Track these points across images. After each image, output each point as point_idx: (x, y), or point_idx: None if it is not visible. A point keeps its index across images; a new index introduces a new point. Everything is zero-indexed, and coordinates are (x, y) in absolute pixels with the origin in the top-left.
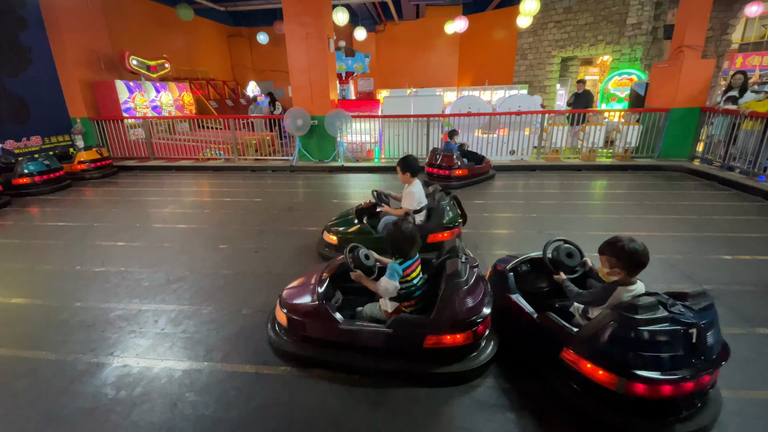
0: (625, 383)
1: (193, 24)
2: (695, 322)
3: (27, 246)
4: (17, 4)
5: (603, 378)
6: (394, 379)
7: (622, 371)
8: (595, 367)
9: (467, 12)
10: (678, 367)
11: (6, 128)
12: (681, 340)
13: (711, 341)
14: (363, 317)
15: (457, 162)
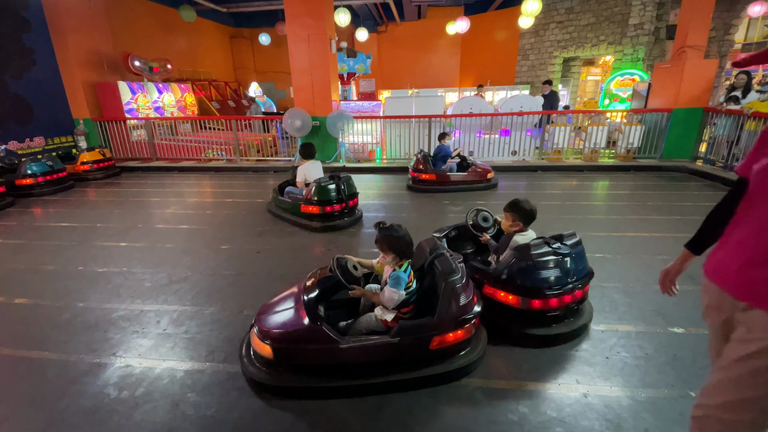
0: (527, 301)
1: (195, 25)
2: (570, 252)
3: (30, 246)
4: (20, 6)
5: (512, 301)
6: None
7: (523, 293)
8: (505, 294)
9: (469, 12)
10: (560, 286)
11: (9, 129)
12: (560, 265)
13: (581, 266)
14: (359, 332)
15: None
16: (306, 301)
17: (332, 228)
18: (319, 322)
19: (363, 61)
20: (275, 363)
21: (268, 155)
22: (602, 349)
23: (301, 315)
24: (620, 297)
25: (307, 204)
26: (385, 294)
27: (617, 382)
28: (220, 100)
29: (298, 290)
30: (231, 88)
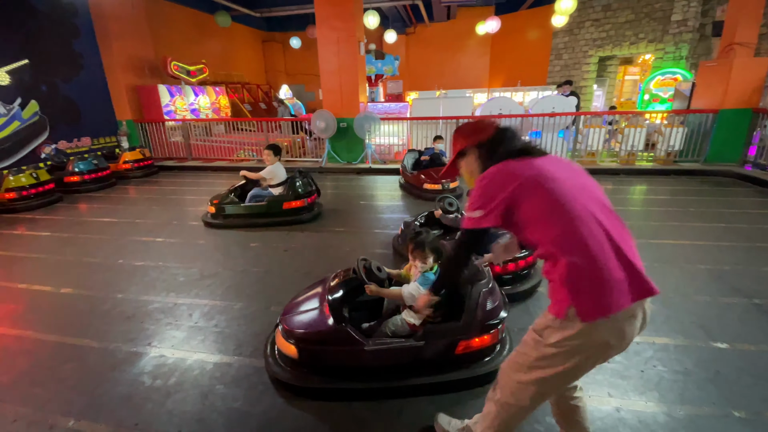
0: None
1: (229, 30)
2: None
3: (75, 240)
4: (71, 14)
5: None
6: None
7: None
8: None
9: (500, 12)
10: None
11: (59, 130)
12: None
13: None
14: (383, 334)
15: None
16: (330, 302)
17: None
18: (343, 323)
19: (391, 62)
20: (299, 363)
21: (297, 156)
22: (637, 362)
23: (326, 315)
24: (657, 307)
25: (291, 200)
26: (407, 290)
27: (653, 397)
28: (252, 102)
29: (323, 290)
30: (263, 90)
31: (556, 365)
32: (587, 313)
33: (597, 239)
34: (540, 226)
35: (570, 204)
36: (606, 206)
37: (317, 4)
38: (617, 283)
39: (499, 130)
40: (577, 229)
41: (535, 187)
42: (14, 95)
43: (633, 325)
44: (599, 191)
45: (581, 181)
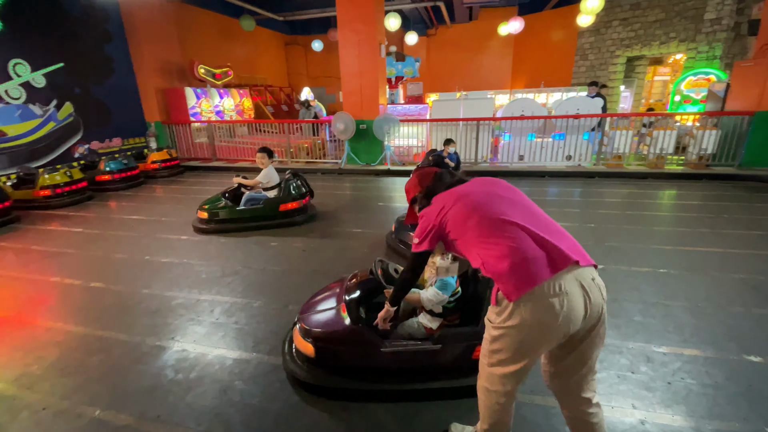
0: None
1: (253, 34)
2: None
3: (105, 236)
4: (103, 19)
5: None
6: (439, 397)
7: None
8: None
9: (523, 12)
10: None
11: (92, 130)
12: None
13: None
14: (400, 336)
15: None
16: (347, 302)
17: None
18: (360, 324)
19: (411, 64)
20: (316, 362)
21: (317, 158)
22: (663, 374)
23: (343, 315)
24: (687, 317)
25: (288, 202)
26: (426, 294)
27: (680, 411)
28: (274, 104)
29: (340, 290)
30: (285, 93)
31: (506, 347)
32: (510, 293)
33: (508, 230)
34: (463, 233)
35: (480, 207)
36: (519, 203)
37: (339, 8)
38: (534, 260)
39: (435, 176)
40: (489, 224)
41: (453, 205)
42: (50, 97)
43: (569, 301)
44: (513, 193)
45: (491, 189)
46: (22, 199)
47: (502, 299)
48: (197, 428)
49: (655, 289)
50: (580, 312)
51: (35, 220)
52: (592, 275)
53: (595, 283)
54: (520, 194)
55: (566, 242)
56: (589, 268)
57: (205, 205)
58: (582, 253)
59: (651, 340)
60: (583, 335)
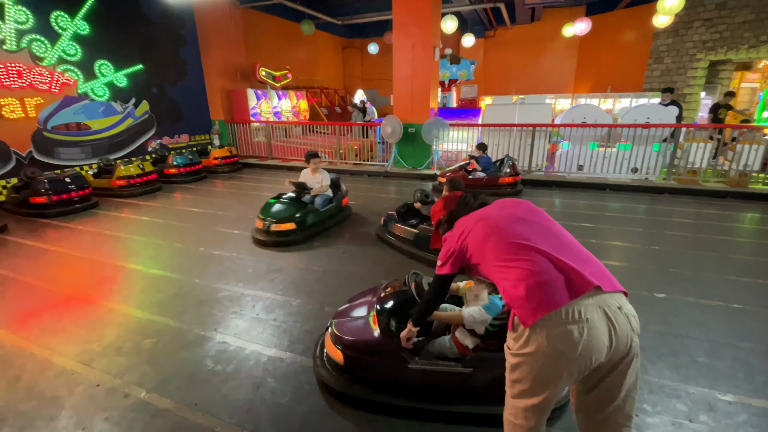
0: None
1: (313, 37)
2: None
3: (168, 226)
4: (179, 25)
5: None
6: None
7: None
8: None
9: (591, 12)
10: None
11: (164, 127)
12: None
13: None
14: (430, 354)
15: None
16: (379, 312)
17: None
18: (390, 337)
19: (466, 67)
20: (345, 369)
21: (365, 159)
22: (726, 425)
23: (373, 326)
24: (760, 363)
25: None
26: (468, 311)
27: None
28: (328, 106)
29: (372, 299)
30: (339, 95)
31: (525, 377)
32: (526, 318)
33: (525, 253)
34: (482, 256)
35: (498, 230)
36: (539, 224)
37: (395, 11)
38: (551, 284)
39: (459, 200)
40: (506, 248)
41: (472, 229)
42: (129, 96)
43: (590, 329)
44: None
45: (511, 211)
46: (100, 187)
47: (518, 325)
48: (229, 421)
49: (725, 326)
50: (603, 342)
51: (110, 207)
52: (619, 303)
53: (623, 312)
54: (542, 216)
55: (590, 266)
56: (616, 295)
57: (294, 215)
58: (608, 277)
59: (715, 386)
60: (608, 369)
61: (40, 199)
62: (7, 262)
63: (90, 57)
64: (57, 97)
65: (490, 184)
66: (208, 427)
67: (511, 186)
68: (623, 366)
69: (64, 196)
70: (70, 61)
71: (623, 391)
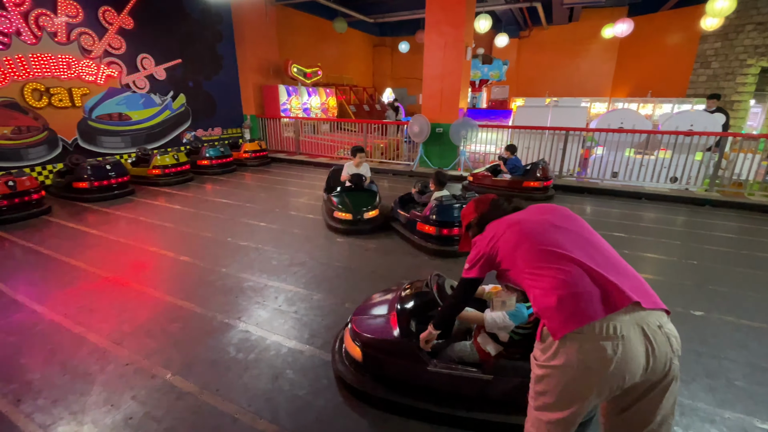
0: (440, 230)
1: (344, 35)
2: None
3: (198, 215)
4: (217, 21)
5: (430, 230)
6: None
7: (439, 225)
8: (430, 227)
9: (634, 13)
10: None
11: (199, 120)
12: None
13: None
14: (449, 358)
15: None
16: (399, 311)
17: None
18: (409, 337)
19: (499, 67)
20: (363, 367)
21: (391, 158)
22: None
23: (393, 326)
24: None
25: None
26: (495, 314)
27: None
28: (356, 104)
29: (393, 299)
30: (368, 93)
31: (550, 389)
32: (556, 329)
33: (558, 261)
34: (513, 262)
35: (531, 236)
36: (575, 232)
37: (428, 10)
38: (585, 296)
39: (491, 203)
40: (538, 255)
41: (504, 233)
42: (168, 89)
43: (625, 347)
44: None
45: (546, 217)
46: (138, 175)
47: (547, 336)
48: (248, 408)
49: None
50: (639, 362)
51: (146, 195)
52: (660, 321)
53: (663, 331)
54: (579, 223)
55: (629, 280)
56: (656, 313)
57: (374, 203)
58: (648, 293)
59: (754, 413)
60: (643, 391)
61: (82, 185)
62: (50, 243)
63: (133, 51)
64: (102, 88)
65: (513, 187)
66: (227, 413)
67: (541, 191)
68: (660, 389)
69: (104, 183)
70: (115, 55)
71: (658, 415)
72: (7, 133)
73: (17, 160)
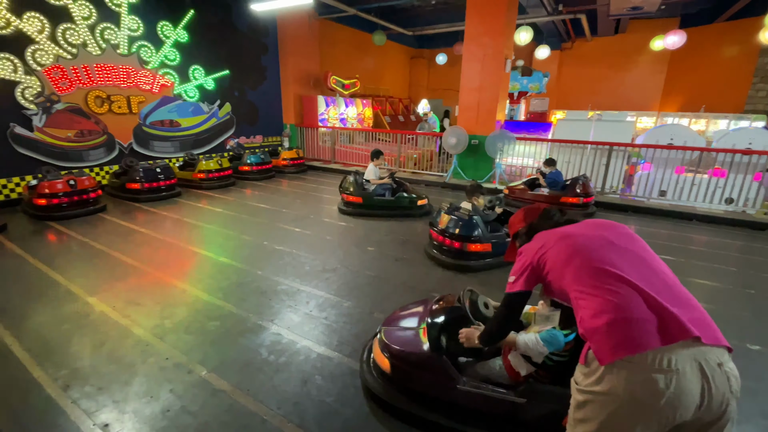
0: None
1: (383, 47)
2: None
3: (238, 219)
4: (263, 34)
5: (457, 245)
6: None
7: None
8: (451, 241)
9: (686, 25)
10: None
11: (243, 127)
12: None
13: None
14: (479, 376)
15: None
16: (429, 325)
17: None
18: (439, 352)
19: (539, 79)
20: (391, 378)
21: (423, 169)
22: None
23: (422, 339)
24: None
25: None
26: (528, 336)
27: None
28: (392, 114)
29: (424, 312)
30: (403, 104)
31: (592, 417)
32: (604, 355)
33: (612, 282)
34: (562, 277)
35: (584, 251)
36: (633, 252)
37: (468, 22)
38: (640, 323)
39: (542, 212)
40: (590, 272)
41: (554, 245)
42: (215, 98)
43: (679, 382)
44: (628, 242)
45: (601, 233)
46: (184, 178)
47: (593, 360)
48: (276, 411)
49: None
50: (693, 399)
51: (190, 197)
52: (720, 359)
53: (722, 370)
54: (639, 244)
55: (690, 311)
56: (717, 349)
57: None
58: (710, 327)
59: None
60: (693, 431)
61: (134, 186)
62: (104, 239)
63: (186, 62)
64: (156, 96)
65: (551, 202)
66: (257, 413)
67: (581, 207)
68: (713, 430)
69: (154, 184)
70: (170, 66)
71: None
72: (71, 136)
73: (78, 161)
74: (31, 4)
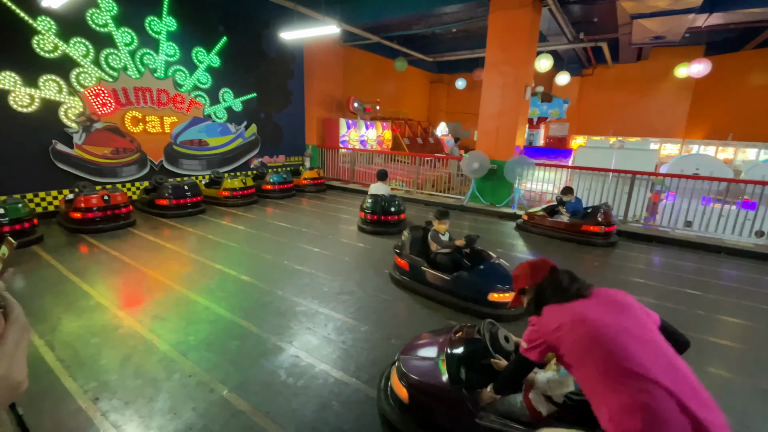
0: None
1: (404, 72)
2: None
3: (259, 237)
4: (290, 60)
5: None
6: None
7: None
8: None
9: (711, 52)
10: None
11: (267, 148)
12: None
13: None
14: (498, 411)
15: None
16: (449, 356)
17: None
18: (458, 385)
19: (559, 105)
20: (408, 409)
21: (440, 191)
22: None
23: (441, 370)
24: None
25: None
26: (547, 375)
27: None
28: (410, 137)
29: (444, 342)
30: (422, 126)
31: None
32: None
33: (640, 381)
34: (581, 364)
35: (605, 343)
36: (651, 343)
37: (489, 50)
38: (677, 426)
39: (550, 275)
40: (616, 369)
41: (570, 329)
42: (242, 119)
43: None
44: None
45: (617, 320)
46: (209, 196)
47: None
48: None
49: None
50: None
51: (215, 214)
52: None
53: None
54: (650, 329)
55: (713, 414)
56: None
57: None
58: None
59: None
60: None
61: (163, 201)
62: (133, 253)
63: (217, 85)
64: (187, 117)
65: (571, 230)
66: None
67: (602, 236)
68: None
69: (181, 201)
70: (202, 88)
71: None
72: (107, 153)
73: (112, 177)
74: (78, 29)
